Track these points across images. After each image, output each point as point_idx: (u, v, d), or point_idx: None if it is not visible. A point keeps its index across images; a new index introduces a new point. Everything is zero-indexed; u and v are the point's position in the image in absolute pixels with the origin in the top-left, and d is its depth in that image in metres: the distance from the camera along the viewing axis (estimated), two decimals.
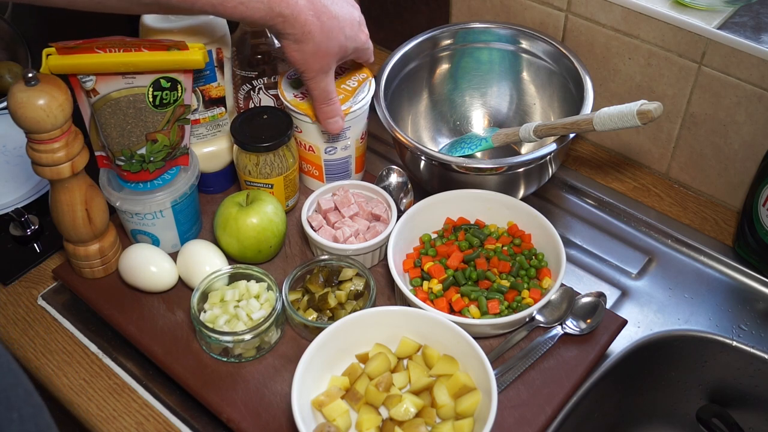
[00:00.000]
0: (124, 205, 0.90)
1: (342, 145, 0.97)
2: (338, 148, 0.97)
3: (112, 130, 0.86)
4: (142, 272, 0.89)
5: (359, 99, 0.95)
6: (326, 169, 1.00)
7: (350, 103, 0.95)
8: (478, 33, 1.07)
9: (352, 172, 1.02)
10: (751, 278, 0.96)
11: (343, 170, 1.01)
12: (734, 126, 0.97)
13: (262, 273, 0.88)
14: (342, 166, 1.00)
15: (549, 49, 1.03)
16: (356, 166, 1.02)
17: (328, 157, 0.98)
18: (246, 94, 1.00)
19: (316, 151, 0.98)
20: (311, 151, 0.98)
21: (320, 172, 1.00)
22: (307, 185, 1.03)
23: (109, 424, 0.84)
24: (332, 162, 0.99)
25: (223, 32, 0.93)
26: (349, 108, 0.94)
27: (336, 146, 0.97)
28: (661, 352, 0.92)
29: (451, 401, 0.77)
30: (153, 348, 0.87)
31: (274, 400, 0.82)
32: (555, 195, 1.07)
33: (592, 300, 0.88)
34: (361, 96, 0.96)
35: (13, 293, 0.98)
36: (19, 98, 0.76)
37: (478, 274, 0.88)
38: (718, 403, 0.95)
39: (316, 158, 0.98)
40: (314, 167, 1.00)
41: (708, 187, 1.05)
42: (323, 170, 1.00)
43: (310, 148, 0.98)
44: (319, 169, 1.00)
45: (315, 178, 1.01)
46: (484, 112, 1.13)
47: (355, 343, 0.82)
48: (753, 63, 0.90)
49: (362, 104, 0.95)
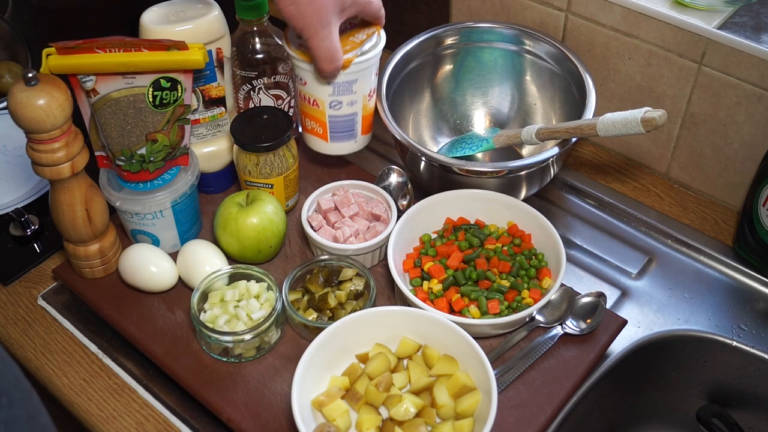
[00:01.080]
0: (124, 205, 0.90)
1: (348, 100, 0.92)
2: (344, 104, 0.92)
3: (112, 130, 0.86)
4: (142, 272, 0.89)
5: (366, 49, 0.90)
6: (330, 127, 0.94)
7: (357, 52, 0.89)
8: (481, 32, 1.07)
9: (357, 132, 0.96)
10: (751, 278, 0.96)
11: (349, 129, 0.95)
12: (734, 126, 0.97)
13: (262, 273, 0.88)
14: (347, 125, 0.95)
15: (551, 50, 1.03)
16: (363, 127, 0.96)
17: (333, 112, 0.93)
18: (246, 94, 1.00)
19: (320, 105, 0.92)
20: (315, 106, 0.93)
21: (324, 130, 0.95)
22: (311, 145, 0.99)
23: (109, 424, 0.84)
24: (337, 119, 0.94)
25: (223, 32, 0.93)
26: (354, 57, 0.88)
27: (341, 101, 0.92)
28: (661, 352, 0.92)
29: (451, 401, 0.77)
30: (153, 348, 0.87)
31: (274, 400, 0.82)
32: (555, 195, 1.07)
33: (592, 300, 0.88)
34: (369, 46, 0.90)
35: (13, 293, 0.98)
36: (19, 98, 0.76)
37: (478, 274, 0.88)
38: (718, 403, 0.95)
39: (321, 114, 0.93)
40: (318, 124, 0.95)
41: (708, 187, 1.05)
42: (327, 128, 0.94)
43: (315, 103, 0.92)
44: (323, 127, 0.94)
45: (319, 137, 0.96)
46: (485, 112, 1.12)
47: (355, 343, 0.82)
48: (753, 63, 0.90)
49: (369, 55, 0.90)
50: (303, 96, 0.94)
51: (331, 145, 0.97)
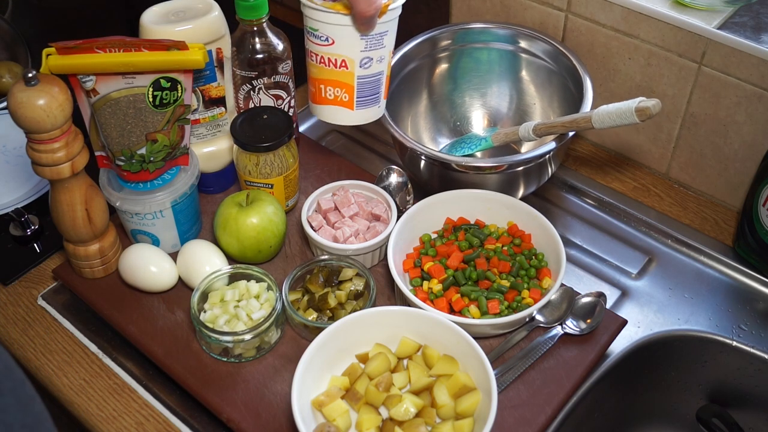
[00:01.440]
0: (124, 205, 0.90)
1: (378, 55, 0.87)
2: (374, 60, 0.87)
3: (112, 130, 0.86)
4: (142, 272, 0.89)
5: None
6: (358, 91, 0.89)
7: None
8: (477, 33, 1.07)
9: (381, 95, 0.92)
10: (751, 278, 0.96)
11: (375, 92, 0.90)
12: (734, 126, 0.97)
13: (262, 273, 0.88)
14: (374, 87, 0.90)
15: (548, 48, 1.03)
16: (385, 89, 0.92)
17: (362, 72, 0.87)
18: (246, 94, 1.00)
19: (349, 66, 0.87)
20: (344, 68, 0.87)
21: (351, 96, 0.89)
22: (330, 119, 0.92)
23: (109, 424, 0.84)
24: (365, 80, 0.88)
25: (223, 32, 0.93)
26: (390, 1, 0.83)
27: (372, 56, 0.87)
28: (661, 352, 0.92)
29: (451, 401, 0.77)
30: (153, 348, 0.87)
31: (274, 400, 0.82)
32: (555, 195, 1.07)
33: (592, 300, 0.88)
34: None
35: (13, 293, 0.98)
36: (19, 98, 0.76)
37: (478, 274, 0.88)
38: (718, 403, 0.95)
39: (348, 77, 0.87)
40: (345, 90, 0.89)
41: (708, 187, 1.05)
42: (354, 93, 0.89)
43: (343, 64, 0.86)
44: (350, 92, 0.89)
45: (343, 105, 0.90)
46: (484, 113, 1.13)
47: (355, 343, 0.82)
48: (753, 63, 0.90)
49: (400, 1, 0.85)
50: (327, 60, 0.87)
51: (357, 113, 0.91)
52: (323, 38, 0.86)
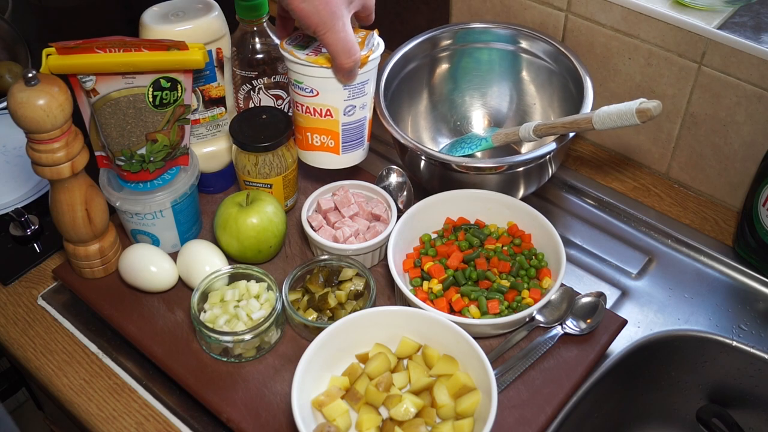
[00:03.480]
0: (124, 205, 0.90)
1: (360, 102, 0.91)
2: (357, 107, 0.91)
3: (112, 130, 0.86)
4: (142, 272, 0.89)
5: (373, 44, 0.89)
6: (343, 137, 0.93)
7: (367, 49, 0.88)
8: (477, 33, 1.07)
9: (365, 139, 0.96)
10: (751, 278, 0.96)
11: (359, 136, 0.95)
12: (734, 126, 0.97)
13: (262, 273, 0.88)
14: (358, 131, 0.94)
15: (548, 48, 1.03)
16: (368, 132, 0.96)
17: (347, 119, 0.92)
18: (246, 94, 1.00)
19: (334, 114, 0.91)
20: (329, 116, 0.91)
21: (336, 142, 0.93)
22: (318, 163, 0.97)
23: (109, 424, 0.84)
24: (349, 126, 0.92)
25: (223, 32, 0.93)
26: (370, 53, 0.88)
27: (355, 104, 0.91)
28: (661, 352, 0.92)
29: (451, 401, 0.77)
30: (153, 348, 0.87)
31: (274, 400, 0.82)
32: (555, 195, 1.07)
33: (592, 300, 0.88)
34: (374, 42, 0.90)
35: (13, 293, 0.98)
36: (19, 98, 0.76)
37: (478, 274, 0.88)
38: (718, 403, 0.95)
39: (334, 124, 0.92)
40: (331, 137, 0.93)
41: (708, 187, 1.05)
42: (340, 138, 0.93)
43: (328, 113, 0.91)
44: (335, 138, 0.93)
45: (329, 151, 0.95)
46: (484, 113, 1.13)
47: (355, 343, 0.82)
48: (753, 63, 0.90)
49: (377, 53, 0.89)
50: (313, 110, 0.92)
51: (342, 157, 0.95)
52: (308, 90, 0.90)
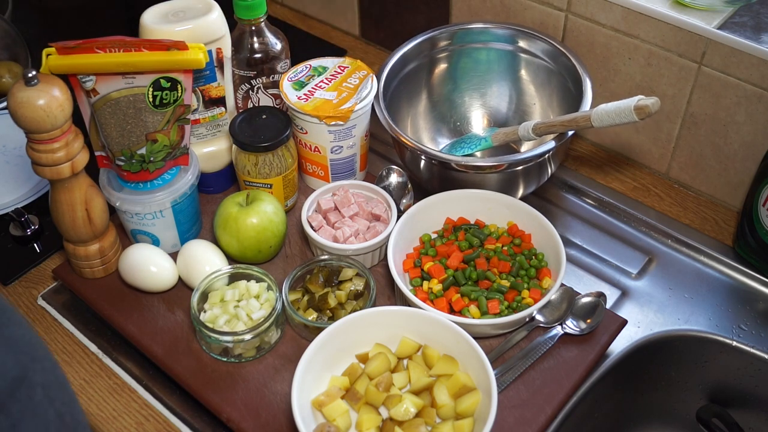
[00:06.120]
0: (124, 205, 0.90)
1: (348, 144, 0.97)
2: (344, 147, 0.97)
3: (112, 130, 0.86)
4: (142, 272, 0.89)
5: (363, 95, 0.95)
6: (332, 169, 1.00)
7: (354, 99, 0.95)
8: (476, 33, 1.07)
9: (356, 170, 1.02)
10: (751, 278, 0.96)
11: (349, 169, 1.01)
12: (734, 126, 0.97)
13: (262, 273, 0.88)
14: (348, 165, 1.00)
15: (547, 48, 1.03)
16: (360, 164, 1.02)
17: (335, 156, 0.98)
18: (245, 93, 1.00)
19: (322, 151, 0.97)
20: (317, 152, 0.98)
21: (326, 173, 1.00)
22: (312, 186, 1.03)
23: (109, 424, 0.84)
24: (338, 161, 0.99)
25: (223, 32, 0.93)
26: (354, 105, 0.94)
27: (342, 145, 0.97)
28: (661, 352, 0.92)
29: (451, 401, 0.77)
30: (153, 348, 0.87)
31: (274, 400, 0.82)
32: (555, 195, 1.07)
33: (592, 300, 0.88)
34: (365, 92, 0.96)
35: (13, 293, 0.98)
36: (19, 98, 0.76)
37: (478, 274, 0.88)
38: (718, 403, 0.95)
39: (322, 159, 0.98)
40: (320, 168, 1.00)
41: (708, 187, 1.05)
42: (329, 170, 1.00)
43: (316, 149, 0.98)
44: (324, 170, 1.00)
45: (320, 178, 1.01)
46: (483, 113, 1.13)
47: (355, 343, 0.82)
48: (753, 63, 0.90)
49: (367, 101, 0.95)
50: (303, 143, 0.98)
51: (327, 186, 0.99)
52: (300, 127, 0.97)
